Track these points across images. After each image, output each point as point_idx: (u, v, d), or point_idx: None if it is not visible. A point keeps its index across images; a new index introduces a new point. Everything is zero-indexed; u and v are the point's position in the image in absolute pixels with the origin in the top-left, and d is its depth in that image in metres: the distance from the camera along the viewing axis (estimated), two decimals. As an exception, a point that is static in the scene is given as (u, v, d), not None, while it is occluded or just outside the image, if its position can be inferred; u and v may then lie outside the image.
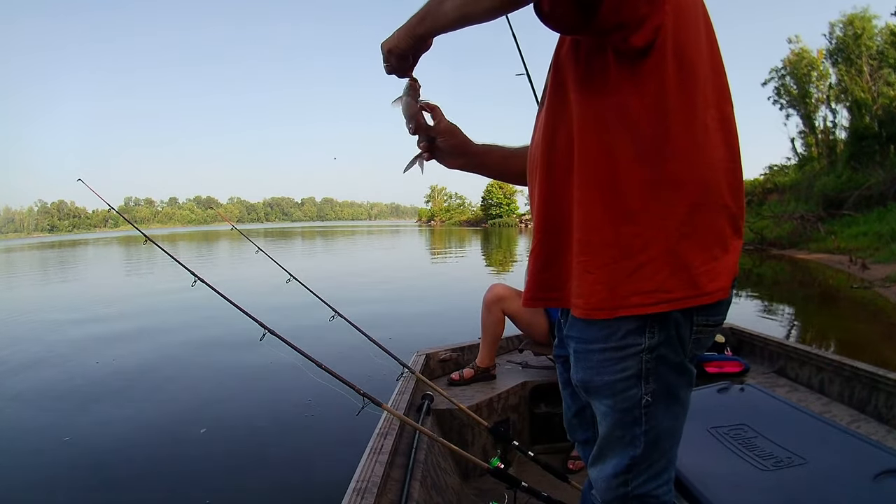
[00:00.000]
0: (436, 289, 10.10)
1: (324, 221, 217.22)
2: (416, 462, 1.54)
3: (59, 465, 2.99)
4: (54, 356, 5.56)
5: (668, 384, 0.77)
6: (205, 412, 3.75)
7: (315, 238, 40.89)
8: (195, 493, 2.63)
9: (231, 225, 2.82)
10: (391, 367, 2.05)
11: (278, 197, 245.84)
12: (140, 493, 2.67)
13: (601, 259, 0.75)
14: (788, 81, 25.08)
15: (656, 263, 0.73)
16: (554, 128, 0.82)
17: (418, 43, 0.86)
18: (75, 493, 2.71)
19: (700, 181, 0.75)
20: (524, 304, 0.89)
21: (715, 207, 0.76)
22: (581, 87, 0.77)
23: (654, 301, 0.73)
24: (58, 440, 3.29)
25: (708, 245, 0.75)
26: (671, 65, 0.72)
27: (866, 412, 1.80)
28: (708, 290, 0.75)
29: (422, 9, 0.81)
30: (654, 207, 0.73)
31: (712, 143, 0.76)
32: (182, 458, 3.02)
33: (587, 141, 0.77)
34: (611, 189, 0.75)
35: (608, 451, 0.82)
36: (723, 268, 0.76)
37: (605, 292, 0.74)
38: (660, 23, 0.69)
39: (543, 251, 0.85)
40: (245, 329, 1.64)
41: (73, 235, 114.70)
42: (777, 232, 16.94)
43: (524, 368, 2.51)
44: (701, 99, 0.75)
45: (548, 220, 0.84)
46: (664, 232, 0.73)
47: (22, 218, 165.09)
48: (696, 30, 0.74)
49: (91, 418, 3.68)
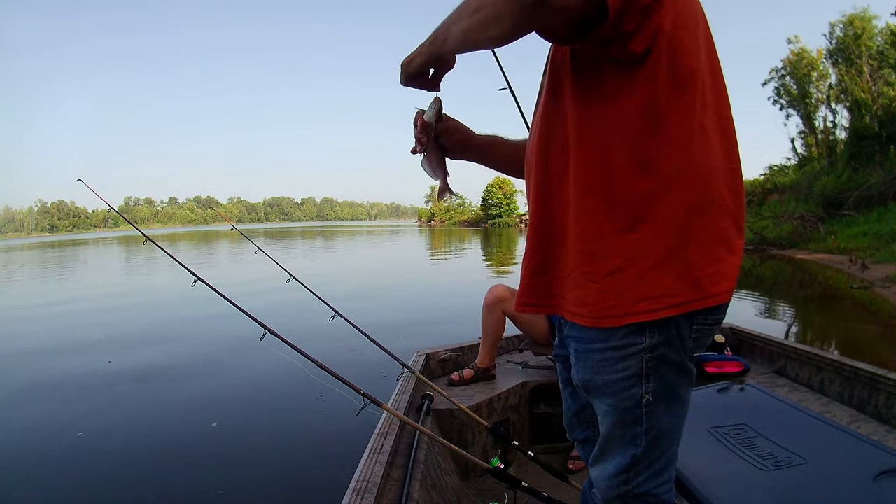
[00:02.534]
0: (436, 289, 10.10)
1: (324, 221, 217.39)
2: (416, 462, 1.54)
3: (75, 454, 3.13)
4: (51, 358, 5.56)
5: (668, 383, 0.78)
6: (204, 412, 3.74)
7: (315, 238, 40.87)
8: (195, 493, 2.64)
9: (231, 225, 2.82)
10: (391, 367, 2.05)
11: (278, 197, 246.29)
12: (141, 493, 2.67)
13: (605, 268, 0.75)
14: (788, 81, 25.06)
15: (661, 268, 0.73)
16: (549, 131, 0.82)
17: (431, 60, 0.83)
18: (85, 479, 2.83)
19: (699, 184, 0.75)
20: (516, 308, 0.89)
21: (716, 209, 0.76)
22: (577, 91, 0.77)
23: (661, 306, 0.73)
24: (71, 436, 3.39)
25: (711, 247, 0.75)
26: (668, 68, 0.71)
27: (866, 412, 1.80)
28: (713, 292, 0.75)
29: (436, 29, 0.79)
30: (654, 212, 0.73)
31: (711, 146, 0.76)
32: (181, 458, 3.02)
33: (583, 146, 0.77)
34: (610, 196, 0.74)
35: (609, 450, 0.82)
36: (728, 269, 0.76)
37: (611, 300, 0.74)
38: (658, 27, 0.69)
39: (537, 257, 0.85)
40: (245, 329, 1.64)
41: (73, 235, 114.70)
42: (777, 232, 16.93)
43: (524, 368, 2.51)
44: (699, 102, 0.75)
45: (542, 226, 0.84)
46: (666, 236, 0.73)
47: (22, 218, 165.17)
48: (694, 33, 0.74)
49: (93, 417, 3.68)
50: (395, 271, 13.94)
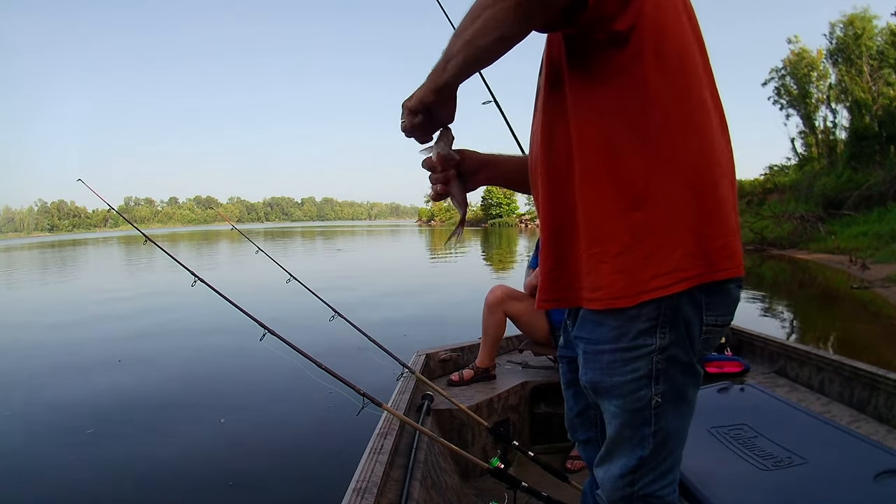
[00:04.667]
0: (436, 289, 10.08)
1: (324, 221, 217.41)
2: (416, 462, 1.54)
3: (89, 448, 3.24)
4: (48, 359, 5.56)
5: (677, 385, 0.78)
6: (204, 412, 3.75)
7: (315, 238, 40.86)
8: (195, 493, 2.64)
9: (231, 225, 2.82)
10: (391, 367, 2.05)
11: (278, 197, 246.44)
12: (142, 492, 2.68)
13: (615, 248, 0.75)
14: (788, 81, 25.07)
15: (670, 244, 0.73)
16: (551, 125, 0.82)
17: (435, 90, 0.79)
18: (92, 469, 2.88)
19: (703, 158, 0.75)
20: (538, 307, 0.88)
21: (720, 181, 0.76)
22: (575, 78, 0.78)
23: (673, 281, 0.73)
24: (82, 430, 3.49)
25: (722, 218, 0.75)
26: (656, 44, 0.73)
27: (866, 412, 1.80)
28: (723, 266, 0.75)
29: (441, 58, 0.76)
30: (659, 189, 0.73)
31: (710, 119, 0.76)
32: (181, 458, 3.02)
33: (585, 132, 0.77)
34: (614, 177, 0.75)
35: (616, 451, 0.82)
36: (736, 245, 0.77)
37: (623, 280, 0.74)
38: (640, 9, 0.71)
39: (551, 254, 0.85)
40: (245, 329, 1.64)
41: (73, 235, 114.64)
42: (777, 232, 16.91)
43: (524, 368, 2.51)
44: (694, 77, 0.75)
45: (554, 219, 0.83)
46: (673, 212, 0.73)
47: (22, 217, 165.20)
48: (677, 14, 0.75)
49: (96, 414, 3.69)
50: (395, 271, 13.93)
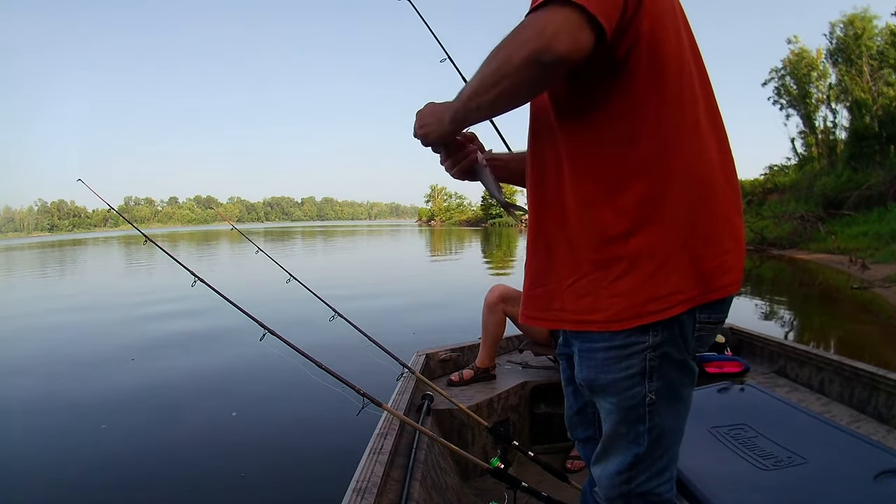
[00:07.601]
0: (436, 289, 10.08)
1: (324, 221, 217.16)
2: (416, 462, 1.54)
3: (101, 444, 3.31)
4: (45, 362, 5.56)
5: (671, 382, 0.78)
6: (204, 412, 3.75)
7: (315, 238, 40.86)
8: (195, 492, 2.64)
9: (231, 225, 2.82)
10: (391, 367, 2.04)
11: (278, 196, 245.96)
12: (142, 492, 2.68)
13: (613, 273, 0.75)
14: (788, 81, 25.06)
15: (667, 268, 0.74)
16: (541, 150, 0.83)
17: (459, 119, 0.79)
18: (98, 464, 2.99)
19: (698, 178, 0.75)
20: (521, 321, 0.90)
21: (718, 200, 0.76)
22: (566, 104, 0.78)
23: (670, 304, 0.74)
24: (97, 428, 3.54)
25: (716, 239, 0.76)
26: (651, 65, 0.72)
27: (866, 412, 1.80)
28: (718, 284, 0.75)
29: (471, 83, 0.74)
30: (656, 213, 0.74)
31: (706, 139, 0.76)
32: (180, 458, 3.02)
33: (577, 158, 0.77)
34: (609, 203, 0.75)
35: (612, 448, 0.82)
36: (734, 261, 0.77)
37: (621, 304, 0.75)
38: (638, 31, 0.70)
39: (533, 269, 0.86)
40: (245, 329, 1.64)
41: (73, 235, 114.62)
42: (777, 232, 16.90)
43: (524, 368, 2.51)
44: (689, 95, 0.75)
45: (538, 238, 0.84)
46: (669, 235, 0.74)
47: (22, 217, 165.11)
48: (674, 29, 0.75)
49: (99, 414, 3.70)
50: (395, 271, 13.93)
